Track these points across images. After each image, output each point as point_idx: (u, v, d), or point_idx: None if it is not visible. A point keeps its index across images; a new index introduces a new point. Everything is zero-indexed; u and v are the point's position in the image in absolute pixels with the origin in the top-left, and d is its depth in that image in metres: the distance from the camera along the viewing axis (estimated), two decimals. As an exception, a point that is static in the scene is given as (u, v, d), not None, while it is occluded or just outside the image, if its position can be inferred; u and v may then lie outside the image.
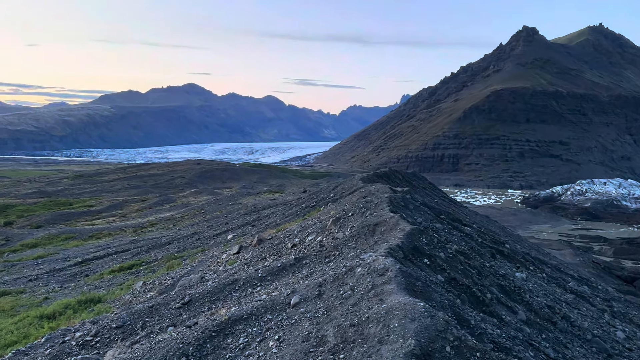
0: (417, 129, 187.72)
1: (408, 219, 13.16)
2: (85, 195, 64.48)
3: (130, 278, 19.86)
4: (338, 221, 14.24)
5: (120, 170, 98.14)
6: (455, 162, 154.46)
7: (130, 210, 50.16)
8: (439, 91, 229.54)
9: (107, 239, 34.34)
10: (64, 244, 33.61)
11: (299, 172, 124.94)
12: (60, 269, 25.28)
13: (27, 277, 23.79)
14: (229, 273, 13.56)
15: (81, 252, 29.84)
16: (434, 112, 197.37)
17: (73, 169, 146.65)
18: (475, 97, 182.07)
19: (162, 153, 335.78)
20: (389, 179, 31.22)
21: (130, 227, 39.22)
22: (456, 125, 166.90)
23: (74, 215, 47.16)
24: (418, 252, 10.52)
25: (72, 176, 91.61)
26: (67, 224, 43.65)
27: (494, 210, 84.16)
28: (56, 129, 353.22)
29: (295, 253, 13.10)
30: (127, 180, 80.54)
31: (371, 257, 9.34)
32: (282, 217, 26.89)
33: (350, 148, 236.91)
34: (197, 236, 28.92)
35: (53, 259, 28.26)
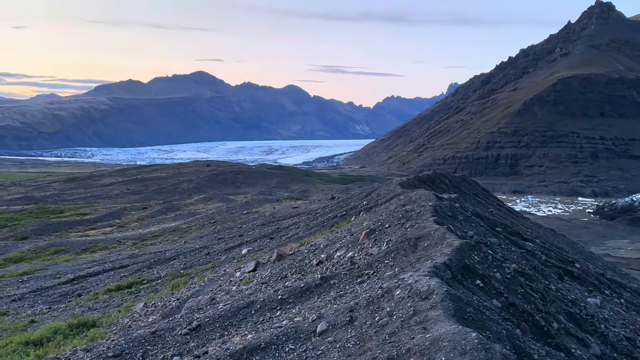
0: (467, 124, 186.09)
1: (457, 232, 13.02)
2: (78, 202, 65.77)
3: (129, 298, 20.14)
4: (372, 234, 14.18)
5: (119, 173, 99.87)
6: (513, 164, 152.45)
7: (130, 219, 50.96)
8: (494, 79, 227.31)
9: (103, 253, 34.91)
10: (53, 259, 34.31)
11: (325, 175, 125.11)
12: (48, 287, 25.80)
13: (10, 297, 24.33)
14: (243, 294, 13.61)
15: (73, 267, 30.40)
16: (488, 104, 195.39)
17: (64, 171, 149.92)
18: (538, 86, 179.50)
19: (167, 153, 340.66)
20: (434, 183, 30.98)
21: (129, 239, 39.81)
22: (515, 120, 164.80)
23: (65, 224, 48.12)
24: (469, 271, 10.40)
25: (63, 179, 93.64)
26: (57, 235, 44.58)
27: (561, 223, 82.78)
28: (45, 124, 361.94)
29: (321, 271, 13.06)
30: (126, 184, 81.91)
31: (412, 277, 9.27)
32: (305, 229, 26.91)
33: (387, 147, 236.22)
34: (206, 250, 29.18)
35: (40, 276, 28.86)
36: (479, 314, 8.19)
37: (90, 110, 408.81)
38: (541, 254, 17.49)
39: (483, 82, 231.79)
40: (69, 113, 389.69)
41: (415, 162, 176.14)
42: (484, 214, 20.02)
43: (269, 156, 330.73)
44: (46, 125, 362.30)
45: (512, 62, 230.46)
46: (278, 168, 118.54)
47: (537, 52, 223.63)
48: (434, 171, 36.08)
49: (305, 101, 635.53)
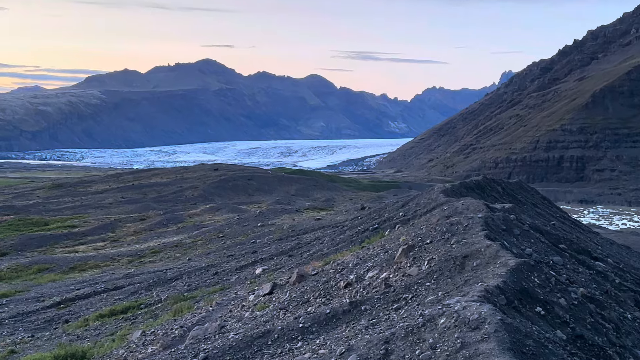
0: (524, 120, 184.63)
1: (512, 249, 12.92)
2: (65, 212, 66.62)
3: (125, 326, 20.31)
4: (411, 251, 14.14)
5: (112, 179, 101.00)
6: (580, 168, 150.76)
7: (125, 232, 51.46)
8: (557, 66, 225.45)
9: (94, 272, 35.28)
10: (37, 278, 34.77)
11: (354, 181, 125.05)
12: (31, 311, 26.14)
13: (-13, 323, 24.69)
14: (258, 321, 13.64)
15: (59, 289, 30.76)
16: (549, 96, 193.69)
17: (49, 177, 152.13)
18: (610, 75, 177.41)
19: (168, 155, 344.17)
20: (483, 191, 30.77)
21: (124, 255, 40.18)
22: (581, 115, 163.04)
23: (51, 239, 48.75)
24: (528, 296, 10.30)
25: (48, 186, 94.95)
26: (41, 250, 45.17)
27: (637, 238, 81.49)
28: (27, 122, 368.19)
29: (350, 295, 13.04)
30: (121, 191, 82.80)
31: (460, 303, 9.21)
32: (331, 245, 26.92)
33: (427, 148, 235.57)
34: (214, 269, 29.33)
35: (22, 299, 29.26)
36: (540, 348, 8.11)
37: (79, 106, 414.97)
38: (614, 276, 17.24)
39: (543, 70, 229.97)
40: (55, 109, 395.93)
41: (461, 166, 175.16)
42: (545, 228, 19.81)
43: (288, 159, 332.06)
44: (29, 122, 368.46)
45: (578, 46, 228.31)
46: (298, 173, 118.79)
47: (608, 34, 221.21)
48: (483, 176, 35.85)
49: (330, 94, 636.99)
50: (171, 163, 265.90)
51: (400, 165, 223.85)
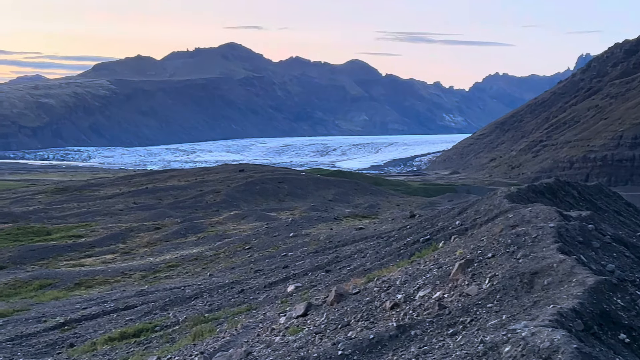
0: (605, 112, 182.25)
1: (591, 265, 12.75)
2: (70, 220, 67.65)
3: (138, 351, 20.53)
4: (469, 267, 14.06)
5: (123, 181, 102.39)
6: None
7: (138, 243, 52.03)
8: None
9: (103, 289, 35.73)
10: (38, 296, 35.34)
11: (402, 184, 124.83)
12: (31, 334, 26.58)
13: (-18, 346, 25.16)
14: (290, 348, 13.68)
15: (63, 308, 31.23)
16: (635, 83, 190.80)
17: (52, 179, 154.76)
18: None
19: (186, 154, 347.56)
20: (556, 196, 30.41)
21: (137, 270, 40.62)
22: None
23: (54, 250, 49.51)
24: (609, 321, 10.16)
25: (51, 190, 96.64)
26: (43, 263, 45.90)
27: None
28: (27, 116, 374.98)
29: (397, 318, 13.01)
30: (133, 196, 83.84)
31: (528, 329, 9.12)
32: (375, 259, 26.87)
33: (489, 145, 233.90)
34: (239, 287, 29.48)
35: (21, 319, 29.76)
36: (624, 382, 7.98)
37: (86, 97, 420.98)
38: None
39: (627, 53, 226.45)
40: (59, 101, 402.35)
41: (529, 166, 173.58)
42: (631, 240, 19.49)
43: (324, 158, 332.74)
44: (29, 117, 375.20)
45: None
46: (336, 175, 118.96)
47: None
48: (556, 178, 35.42)
49: (374, 82, 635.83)
50: (190, 163, 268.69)
51: (456, 166, 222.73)
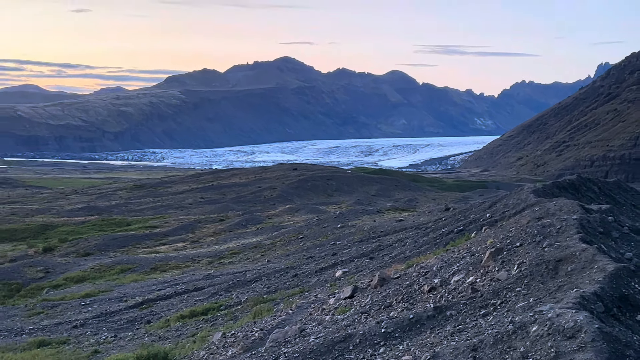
0: (623, 115, 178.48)
1: (611, 253, 12.49)
2: (146, 213, 68.67)
3: (205, 327, 20.72)
4: (499, 254, 13.91)
5: (192, 179, 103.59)
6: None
7: (205, 233, 52.58)
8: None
9: (175, 273, 36.21)
10: (119, 279, 35.98)
11: (438, 181, 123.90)
12: (114, 312, 27.05)
13: (71, 323, 25.68)
14: (339, 325, 13.67)
15: (141, 289, 31.72)
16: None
17: (131, 177, 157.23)
18: None
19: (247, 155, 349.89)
20: (578, 191, 29.87)
21: (204, 256, 41.07)
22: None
23: (133, 239, 50.33)
24: (628, 304, 9.94)
25: (130, 187, 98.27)
26: (124, 251, 46.70)
27: None
28: (110, 123, 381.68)
29: (434, 300, 12.92)
30: (201, 192, 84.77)
31: (553, 310, 8.97)
32: (413, 247, 26.73)
33: (516, 145, 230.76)
34: (293, 271, 29.58)
35: (105, 299, 30.33)
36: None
37: (160, 106, 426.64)
38: None
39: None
40: (137, 109, 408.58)
41: (553, 165, 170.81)
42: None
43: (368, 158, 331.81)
44: (111, 123, 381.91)
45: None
46: (379, 172, 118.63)
47: None
48: (578, 175, 34.76)
49: (413, 90, 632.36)
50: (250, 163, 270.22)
51: (487, 164, 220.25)
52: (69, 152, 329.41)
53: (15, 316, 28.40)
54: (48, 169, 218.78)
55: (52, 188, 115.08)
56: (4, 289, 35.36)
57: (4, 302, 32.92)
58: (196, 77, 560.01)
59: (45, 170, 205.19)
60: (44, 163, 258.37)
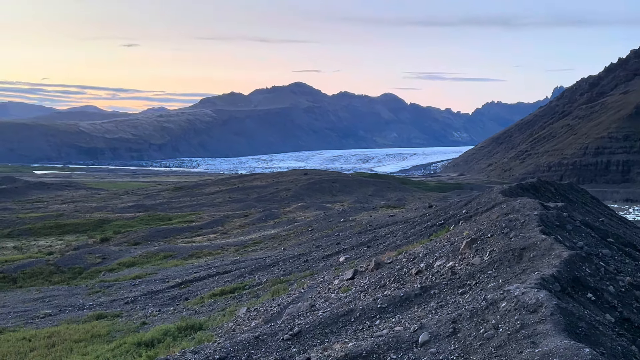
0: (574, 129, 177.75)
1: (565, 243, 12.45)
2: (184, 210, 68.80)
3: (233, 303, 20.74)
4: (474, 243, 13.86)
5: (221, 182, 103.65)
6: (625, 171, 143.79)
7: (232, 226, 52.62)
8: (603, 82, 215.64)
9: (208, 259, 36.26)
10: (163, 263, 36.06)
11: (422, 183, 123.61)
12: (158, 290, 27.12)
13: (123, 299, 25.77)
14: (342, 302, 13.68)
15: (180, 272, 31.79)
16: (597, 107, 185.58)
17: (172, 181, 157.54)
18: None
19: (266, 162, 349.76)
20: (538, 192, 29.73)
21: (232, 245, 41.12)
22: (626, 124, 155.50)
23: (173, 231, 50.44)
24: (579, 284, 9.91)
25: (171, 188, 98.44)
26: (166, 241, 46.81)
27: (679, 233, 76.90)
28: (155, 136, 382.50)
29: (421, 281, 12.92)
30: (229, 193, 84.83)
31: (519, 289, 8.95)
32: (403, 238, 26.66)
33: (487, 154, 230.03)
34: (304, 257, 29.57)
35: (151, 280, 30.41)
36: (592, 329, 7.78)
37: (195, 122, 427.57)
38: (659, 266, 16.31)
39: (591, 85, 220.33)
40: (177, 125, 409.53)
41: (517, 170, 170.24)
42: (594, 224, 18.96)
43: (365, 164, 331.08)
44: (156, 137, 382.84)
45: (622, 63, 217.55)
46: (374, 176, 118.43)
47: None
48: (538, 179, 34.61)
49: (402, 109, 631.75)
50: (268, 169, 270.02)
51: (462, 170, 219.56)
52: (121, 160, 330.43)
53: (78, 294, 28.52)
54: (104, 174, 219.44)
55: (108, 190, 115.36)
56: (69, 272, 35.53)
57: (69, 282, 33.10)
58: (225, 99, 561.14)
59: (102, 175, 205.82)
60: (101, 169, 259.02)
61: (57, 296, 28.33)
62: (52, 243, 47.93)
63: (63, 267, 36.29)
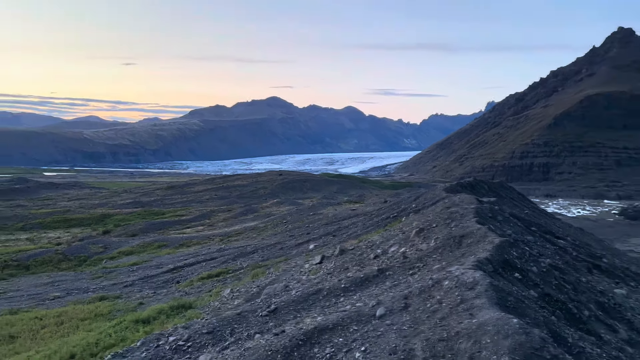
0: (503, 136, 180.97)
1: (497, 231, 12.66)
2: (176, 206, 67.91)
3: (218, 285, 20.58)
4: (421, 232, 13.98)
5: (208, 182, 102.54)
6: (545, 171, 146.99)
7: (217, 219, 52.16)
8: (527, 97, 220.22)
9: (196, 247, 35.89)
10: (157, 252, 35.55)
11: (379, 182, 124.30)
12: (153, 275, 26.73)
13: (123, 283, 25.35)
14: (312, 282, 13.67)
15: (173, 259, 31.39)
16: (522, 119, 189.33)
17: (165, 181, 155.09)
18: (567, 103, 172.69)
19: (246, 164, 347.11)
20: (474, 189, 30.17)
21: (217, 236, 40.77)
22: (546, 133, 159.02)
23: (166, 224, 49.76)
24: (509, 265, 10.08)
25: (164, 187, 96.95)
26: (160, 232, 46.15)
27: (589, 222, 79.04)
28: (150, 142, 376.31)
29: (378, 264, 12.97)
30: (214, 191, 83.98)
31: (459, 270, 9.07)
32: (363, 228, 26.78)
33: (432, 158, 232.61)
34: (280, 245, 29.49)
35: (147, 266, 29.95)
36: (519, 303, 7.94)
37: (185, 131, 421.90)
38: (572, 250, 16.75)
39: (517, 100, 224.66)
40: (169, 133, 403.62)
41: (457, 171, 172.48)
42: (520, 215, 19.35)
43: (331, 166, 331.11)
44: (151, 143, 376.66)
45: (543, 82, 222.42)
46: (339, 176, 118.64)
47: (566, 73, 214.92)
48: (474, 178, 35.14)
49: (361, 119, 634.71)
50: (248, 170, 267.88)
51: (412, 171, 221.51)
52: (120, 163, 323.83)
53: (83, 279, 27.93)
54: (106, 175, 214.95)
55: (109, 189, 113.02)
56: (75, 260, 34.75)
57: (75, 269, 32.38)
58: (211, 111, 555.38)
59: (104, 176, 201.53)
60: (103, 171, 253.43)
61: (64, 281, 27.69)
62: (60, 235, 46.81)
63: (70, 256, 35.49)
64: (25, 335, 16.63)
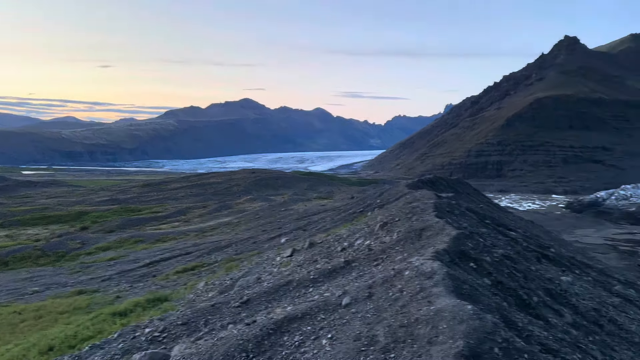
0: (460, 136, 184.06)
1: (454, 224, 12.87)
2: (152, 203, 66.72)
3: (193, 278, 20.34)
4: (385, 226, 14.10)
5: (184, 179, 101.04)
6: (499, 169, 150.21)
7: (193, 215, 51.50)
8: (482, 100, 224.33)
9: (172, 243, 35.36)
10: (134, 247, 34.87)
11: (346, 179, 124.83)
12: (130, 270, 26.23)
13: (100, 277, 24.79)
14: (283, 274, 13.65)
15: (149, 254, 30.85)
16: (477, 120, 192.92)
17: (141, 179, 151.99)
18: (518, 105, 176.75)
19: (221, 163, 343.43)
20: (434, 185, 30.63)
21: (192, 231, 40.26)
22: (499, 133, 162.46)
23: (143, 221, 48.84)
24: (464, 256, 10.26)
25: (141, 185, 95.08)
26: (137, 228, 45.26)
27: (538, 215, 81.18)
28: (126, 142, 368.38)
29: (345, 256, 13.04)
30: (190, 188, 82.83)
31: (419, 261, 9.19)
32: (331, 222, 26.88)
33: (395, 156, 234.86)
34: (253, 240, 29.34)
35: (124, 261, 29.36)
36: (473, 290, 8.09)
37: (161, 131, 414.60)
38: (523, 241, 17.18)
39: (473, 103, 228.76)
40: (145, 133, 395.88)
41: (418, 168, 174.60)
42: (476, 209, 19.73)
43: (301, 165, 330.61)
44: (127, 142, 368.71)
45: (496, 86, 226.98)
46: (309, 174, 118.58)
47: (517, 77, 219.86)
48: (434, 175, 35.66)
49: (330, 120, 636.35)
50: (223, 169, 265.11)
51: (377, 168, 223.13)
52: (98, 162, 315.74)
53: (62, 274, 27.19)
54: (83, 173, 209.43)
55: (86, 187, 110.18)
56: (54, 256, 33.78)
57: (54, 264, 31.48)
58: (186, 112, 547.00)
59: (81, 175, 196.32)
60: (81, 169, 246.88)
61: (43, 276, 26.91)
62: (39, 232, 45.42)
63: (48, 252, 34.48)
64: (4, 329, 16.10)
